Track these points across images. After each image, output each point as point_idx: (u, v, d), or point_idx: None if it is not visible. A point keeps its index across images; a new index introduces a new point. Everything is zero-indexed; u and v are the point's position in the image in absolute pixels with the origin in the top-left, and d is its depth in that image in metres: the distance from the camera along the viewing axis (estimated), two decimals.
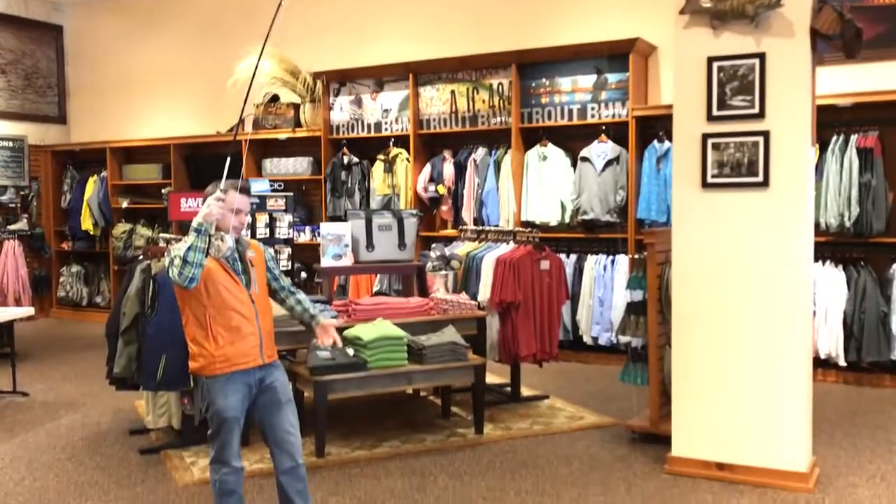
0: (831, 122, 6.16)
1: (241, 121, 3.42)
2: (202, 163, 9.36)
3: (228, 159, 3.28)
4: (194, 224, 3.21)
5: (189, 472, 4.49)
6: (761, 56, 4.10)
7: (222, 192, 3.27)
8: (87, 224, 10.01)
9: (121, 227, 9.72)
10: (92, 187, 9.99)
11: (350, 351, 4.87)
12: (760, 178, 4.13)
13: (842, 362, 6.19)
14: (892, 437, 4.94)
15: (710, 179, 4.24)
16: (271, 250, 3.71)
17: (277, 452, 3.42)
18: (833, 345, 6.19)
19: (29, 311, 7.03)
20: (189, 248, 3.16)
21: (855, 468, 4.40)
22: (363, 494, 4.13)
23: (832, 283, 6.20)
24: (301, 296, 3.65)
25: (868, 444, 4.80)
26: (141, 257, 5.26)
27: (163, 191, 9.25)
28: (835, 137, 6.23)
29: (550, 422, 5.39)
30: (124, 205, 9.82)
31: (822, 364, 6.25)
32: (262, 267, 3.51)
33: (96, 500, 4.11)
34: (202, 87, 9.51)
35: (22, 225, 9.61)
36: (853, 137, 6.18)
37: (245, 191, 3.42)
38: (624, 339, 6.45)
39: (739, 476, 4.18)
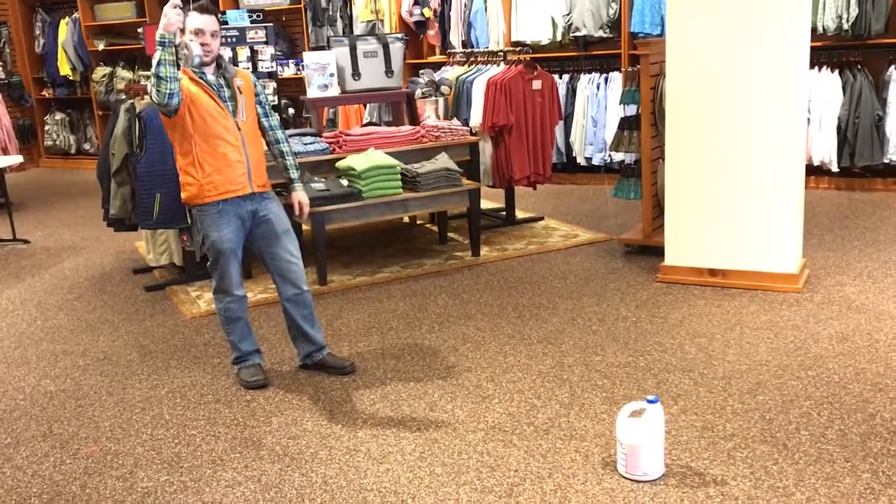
0: None
1: None
2: None
3: None
4: (157, 38, 3.13)
5: (195, 304, 4.61)
6: None
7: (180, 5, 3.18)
8: (65, 69, 9.73)
9: (100, 71, 9.45)
10: (65, 30, 9.62)
11: (344, 182, 4.88)
12: None
13: (835, 168, 6.22)
14: (880, 237, 5.05)
15: None
16: (261, 82, 3.60)
17: (281, 282, 3.49)
18: (826, 151, 6.18)
19: (17, 158, 6.98)
20: (158, 64, 3.11)
21: (843, 267, 4.53)
22: (367, 316, 4.27)
23: (827, 88, 6.11)
24: (286, 147, 3.56)
25: (856, 245, 4.91)
26: (124, 97, 5.14)
27: (139, 29, 8.91)
28: None
29: (545, 241, 5.49)
30: (101, 47, 9.49)
31: (815, 171, 6.28)
32: (251, 96, 3.44)
33: (108, 335, 4.25)
34: None
35: None
36: None
37: (204, 9, 3.29)
38: (617, 155, 6.46)
39: (731, 280, 4.30)
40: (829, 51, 6.16)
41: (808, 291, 4.19)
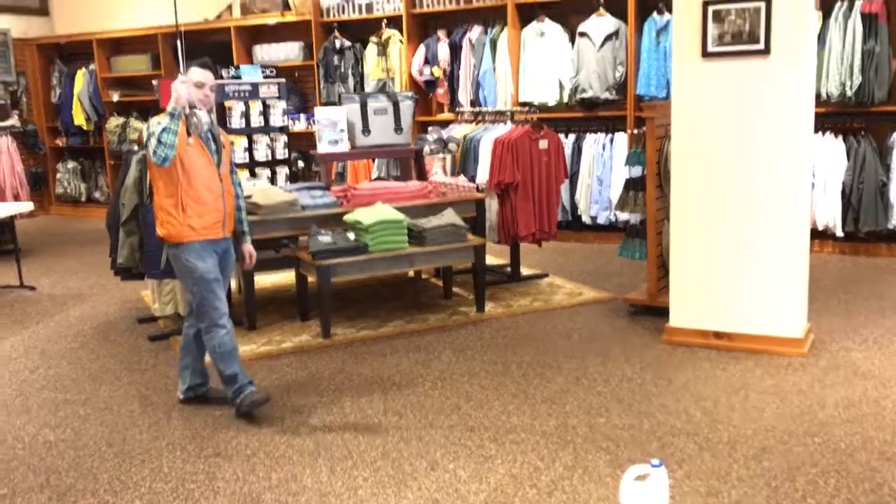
0: None
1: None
2: (191, 51, 9.12)
3: (179, 42, 3.63)
4: (168, 109, 3.46)
5: None
6: None
7: (182, 75, 3.55)
8: (79, 119, 9.89)
9: (114, 121, 9.60)
10: (81, 81, 9.81)
11: (351, 235, 4.91)
12: (761, 46, 4.04)
13: (839, 233, 6.24)
14: (885, 303, 5.04)
15: (710, 49, 4.15)
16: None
17: None
18: (831, 216, 6.21)
19: (28, 205, 7.04)
20: (164, 130, 3.41)
21: (849, 333, 4.51)
22: (370, 371, 4.25)
23: (832, 153, 6.17)
24: (242, 203, 3.87)
25: (862, 311, 4.90)
26: (136, 147, 5.22)
27: (153, 82, 9.07)
28: (839, 3, 6.06)
29: (550, 298, 5.49)
30: (115, 98, 9.67)
31: (819, 235, 6.30)
32: (228, 153, 3.77)
33: (110, 385, 4.23)
34: None
35: (13, 121, 9.48)
36: (857, 3, 6.00)
37: (205, 66, 3.61)
38: (623, 215, 6.49)
39: (736, 343, 4.29)
40: (833, 117, 6.24)
41: (814, 356, 4.17)
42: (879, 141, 6.18)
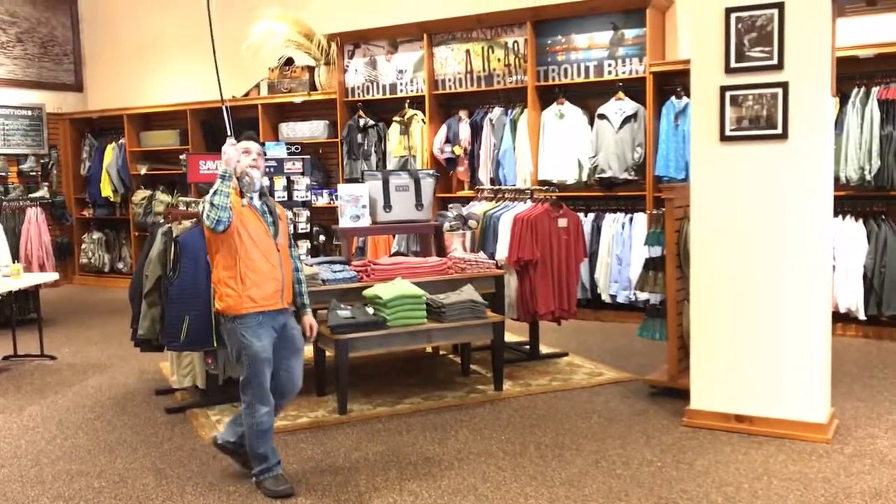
0: (853, 73, 6.09)
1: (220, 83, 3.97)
2: (218, 128, 9.37)
3: (226, 111, 3.85)
4: (219, 172, 3.53)
5: (215, 429, 4.57)
6: (780, 6, 4.04)
7: (231, 138, 3.64)
8: (106, 191, 10.11)
9: (140, 194, 9.80)
10: (110, 154, 10.07)
11: (370, 310, 4.93)
12: (779, 131, 4.10)
13: (861, 316, 6.18)
14: None
15: (728, 132, 4.21)
16: (295, 210, 3.97)
17: (275, 390, 3.72)
18: (853, 299, 6.17)
19: (53, 276, 7.14)
20: (215, 193, 3.47)
21: (873, 419, 4.42)
22: (385, 449, 4.21)
23: (852, 237, 6.17)
24: (302, 276, 3.91)
25: (887, 396, 4.81)
26: (162, 221, 5.32)
27: (181, 157, 9.29)
28: (856, 90, 6.16)
29: (569, 378, 5.44)
30: (143, 171, 9.90)
31: (841, 318, 6.24)
32: (286, 224, 3.82)
33: (125, 457, 4.21)
34: (217, 51, 9.48)
35: (43, 193, 9.71)
36: (875, 89, 6.10)
37: (250, 138, 3.73)
38: (642, 295, 6.48)
39: (758, 428, 4.21)
40: (852, 200, 6.26)
41: (838, 443, 4.09)
42: None
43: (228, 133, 3.70)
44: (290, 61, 8.94)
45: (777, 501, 3.43)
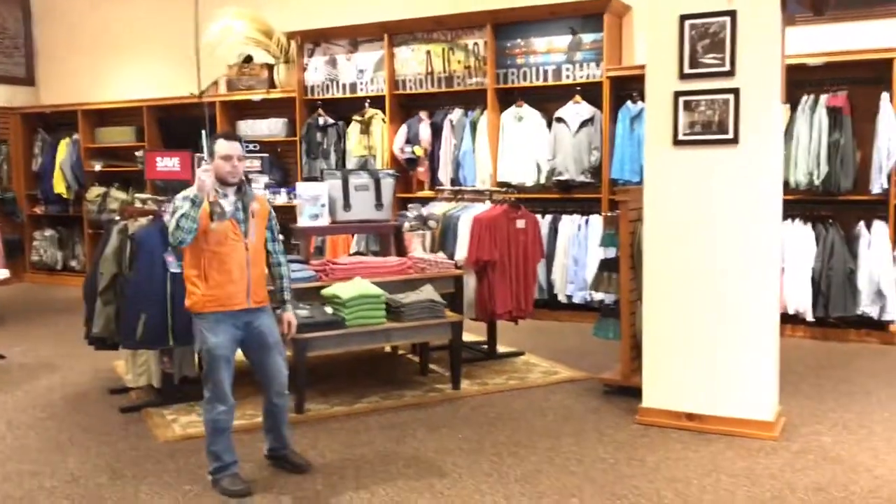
0: (802, 81, 6.25)
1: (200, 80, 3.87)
2: (175, 125, 9.27)
3: (204, 133, 3.64)
4: (191, 195, 3.46)
5: (170, 428, 4.55)
6: (732, 14, 4.15)
7: (206, 163, 3.58)
8: (59, 187, 9.92)
9: (95, 191, 9.64)
10: (64, 150, 9.88)
11: (328, 309, 4.93)
12: (731, 136, 4.20)
13: (809, 318, 6.35)
14: (854, 388, 5.11)
15: (681, 137, 4.31)
16: (273, 211, 3.92)
17: (267, 388, 3.80)
18: (802, 301, 6.34)
19: (4, 273, 7.00)
20: (183, 216, 3.43)
21: (819, 417, 4.56)
22: (343, 448, 4.22)
23: (801, 240, 6.34)
24: (284, 271, 3.92)
25: (832, 395, 4.96)
26: (118, 218, 5.26)
27: (137, 153, 9.17)
28: (805, 97, 6.33)
29: (525, 377, 5.50)
30: (97, 168, 9.74)
31: (790, 320, 6.41)
32: (264, 220, 3.78)
33: (78, 456, 4.16)
34: (175, 48, 9.38)
35: None
36: (823, 97, 6.27)
37: (230, 136, 3.68)
38: (597, 295, 6.58)
39: (708, 425, 4.32)
40: (801, 204, 6.44)
41: (785, 440, 4.21)
42: (846, 229, 6.36)
43: (203, 130, 3.71)
44: (248, 59, 8.88)
45: (725, 496, 3.53)
